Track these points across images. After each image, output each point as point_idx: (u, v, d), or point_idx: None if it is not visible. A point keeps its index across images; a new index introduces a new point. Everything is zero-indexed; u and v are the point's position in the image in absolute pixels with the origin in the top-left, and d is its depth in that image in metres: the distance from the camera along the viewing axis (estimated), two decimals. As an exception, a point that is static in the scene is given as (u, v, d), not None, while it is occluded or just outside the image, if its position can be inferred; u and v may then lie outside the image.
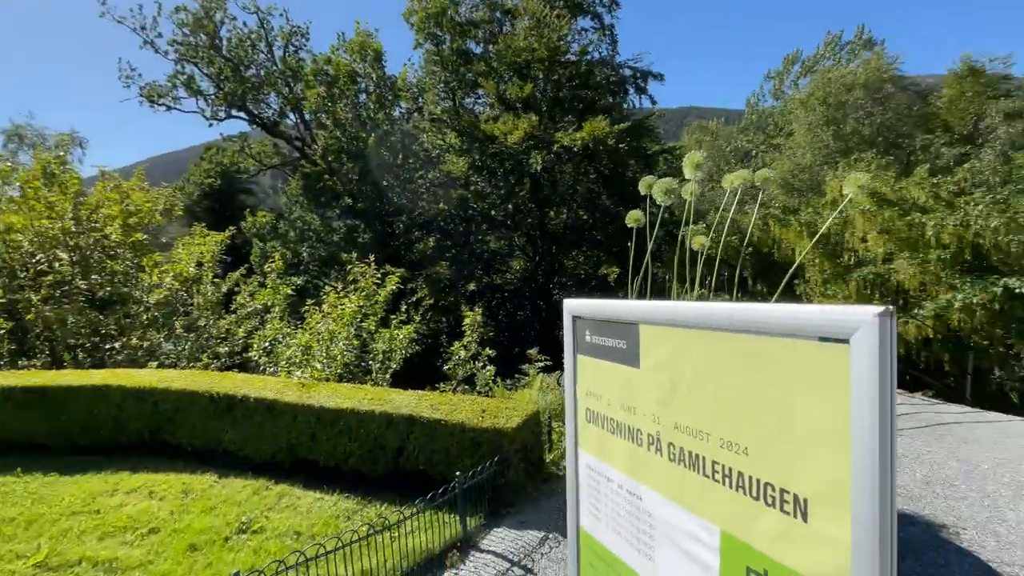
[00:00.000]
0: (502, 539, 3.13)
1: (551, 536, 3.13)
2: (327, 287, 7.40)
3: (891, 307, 0.75)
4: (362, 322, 6.69)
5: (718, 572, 1.06)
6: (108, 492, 4.12)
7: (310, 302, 7.00)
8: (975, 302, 6.37)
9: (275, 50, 17.70)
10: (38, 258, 8.08)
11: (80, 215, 8.40)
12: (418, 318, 7.32)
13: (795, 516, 0.89)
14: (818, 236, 8.86)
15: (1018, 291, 6.04)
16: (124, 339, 8.23)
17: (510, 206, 15.71)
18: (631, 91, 18.24)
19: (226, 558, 3.12)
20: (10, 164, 11.72)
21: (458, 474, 2.90)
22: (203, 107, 17.25)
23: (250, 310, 8.60)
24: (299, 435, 4.20)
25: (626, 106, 18.01)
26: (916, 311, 7.11)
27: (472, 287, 14.35)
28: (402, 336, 6.73)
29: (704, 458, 1.09)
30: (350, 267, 7.45)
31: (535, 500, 3.53)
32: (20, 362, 7.87)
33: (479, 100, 18.32)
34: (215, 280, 9.06)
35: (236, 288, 9.06)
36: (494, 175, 15.54)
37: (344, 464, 4.00)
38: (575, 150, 13.66)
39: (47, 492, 4.18)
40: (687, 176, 2.80)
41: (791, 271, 2.35)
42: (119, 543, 3.33)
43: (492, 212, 15.77)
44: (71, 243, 8.28)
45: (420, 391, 4.51)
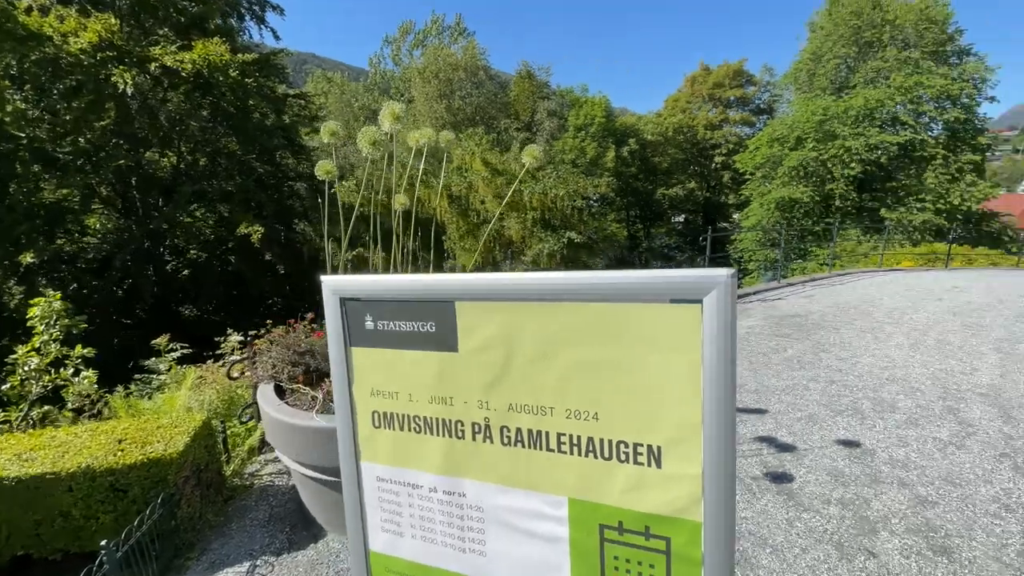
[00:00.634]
0: (184, 595, 2.36)
1: (259, 561, 2.56)
2: None
3: (734, 269, 0.86)
4: None
5: (567, 541, 1.07)
6: None
7: None
8: (555, 249, 8.86)
9: None
10: None
11: None
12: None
13: (648, 465, 0.97)
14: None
15: (576, 240, 8.74)
16: None
17: (82, 140, 11.15)
18: (248, 19, 15.72)
19: None
20: None
21: (104, 544, 1.94)
22: None
23: None
24: None
25: (245, 37, 15.45)
26: (522, 257, 9.33)
27: (31, 259, 9.66)
28: None
29: (547, 433, 1.05)
30: None
31: (223, 528, 2.80)
32: None
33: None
34: None
35: None
36: (46, 93, 10.57)
37: None
38: (184, 75, 10.75)
39: None
40: (384, 128, 2.60)
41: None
42: None
43: (50, 147, 10.84)
44: None
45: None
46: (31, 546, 2.35)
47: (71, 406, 4.30)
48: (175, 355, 4.89)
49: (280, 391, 2.80)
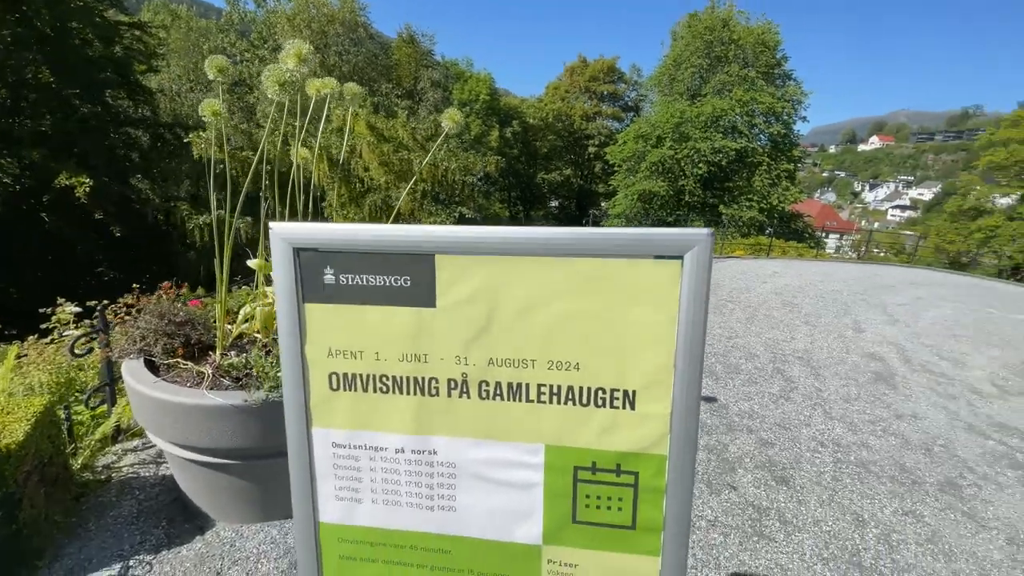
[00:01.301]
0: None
1: (133, 562, 2.20)
2: None
3: (712, 229, 0.96)
4: None
5: (542, 485, 1.11)
6: None
7: None
8: (446, 224, 8.77)
9: None
10: None
11: None
12: None
13: (623, 407, 1.05)
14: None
15: (467, 216, 8.74)
16: None
17: None
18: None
19: None
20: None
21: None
22: None
23: None
24: None
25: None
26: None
27: None
28: None
29: (527, 385, 1.08)
30: None
31: (78, 529, 2.35)
32: None
33: None
34: None
35: None
36: None
37: None
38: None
39: None
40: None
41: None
42: None
43: None
44: None
45: None
46: None
47: None
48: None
49: (153, 367, 2.40)
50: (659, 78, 29.04)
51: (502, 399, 1.09)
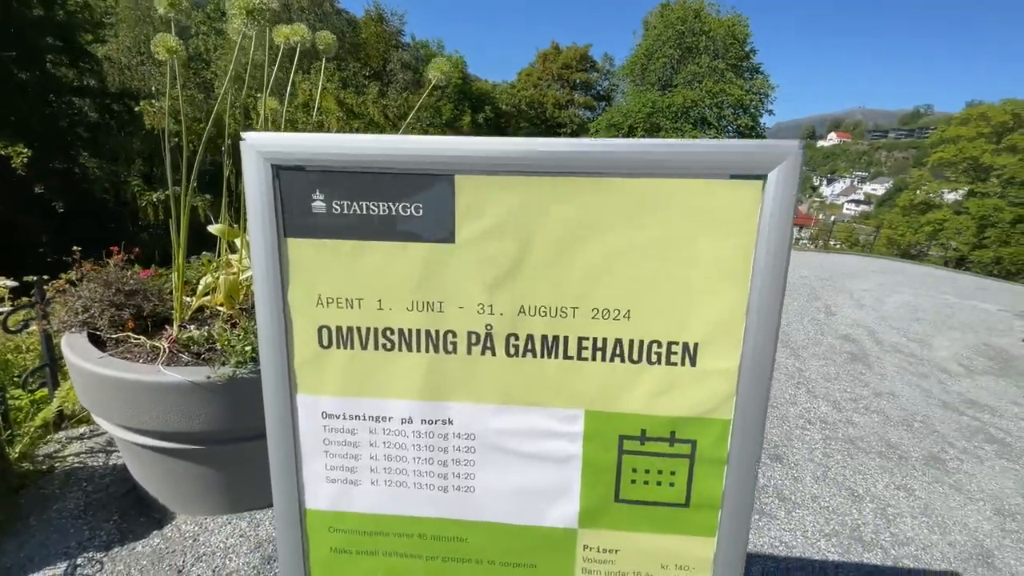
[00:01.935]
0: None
1: (81, 560, 1.92)
2: None
3: (803, 140, 0.79)
4: None
5: (580, 459, 0.93)
6: None
7: None
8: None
9: None
10: None
11: None
12: None
13: (682, 364, 0.88)
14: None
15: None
16: None
17: None
18: None
19: None
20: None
21: None
22: None
23: None
24: None
25: None
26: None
27: None
28: None
29: (565, 339, 0.89)
30: None
31: (17, 525, 2.05)
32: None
33: None
34: None
35: None
36: None
37: None
38: None
39: None
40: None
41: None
42: None
43: None
44: None
45: None
46: None
47: None
48: None
49: (99, 342, 2.10)
50: (631, 67, 29.06)
51: (534, 356, 0.90)
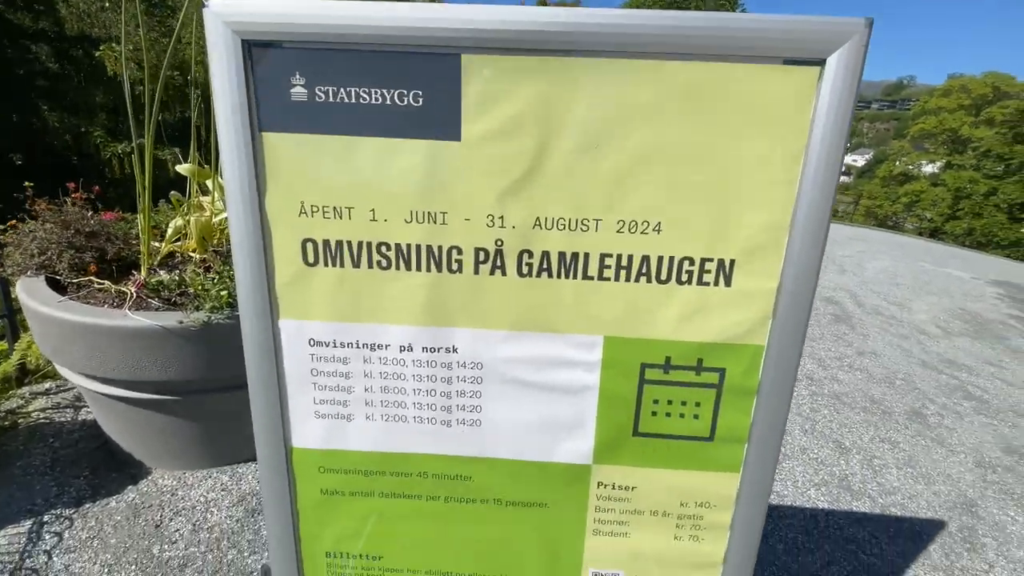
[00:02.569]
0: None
1: (48, 517, 1.82)
2: None
3: (871, 18, 0.68)
4: None
5: (597, 390, 0.85)
6: None
7: None
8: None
9: None
10: None
11: None
12: None
13: (716, 284, 0.79)
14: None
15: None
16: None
17: None
18: None
19: None
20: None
21: None
22: None
23: None
24: None
25: None
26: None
27: None
28: None
29: (586, 256, 0.79)
30: None
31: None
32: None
33: None
34: None
35: None
36: None
37: None
38: None
39: None
40: None
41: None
42: None
43: None
44: None
45: None
46: None
47: None
48: None
49: (59, 287, 1.94)
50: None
51: (550, 275, 0.80)
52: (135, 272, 2.04)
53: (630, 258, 0.78)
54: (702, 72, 0.70)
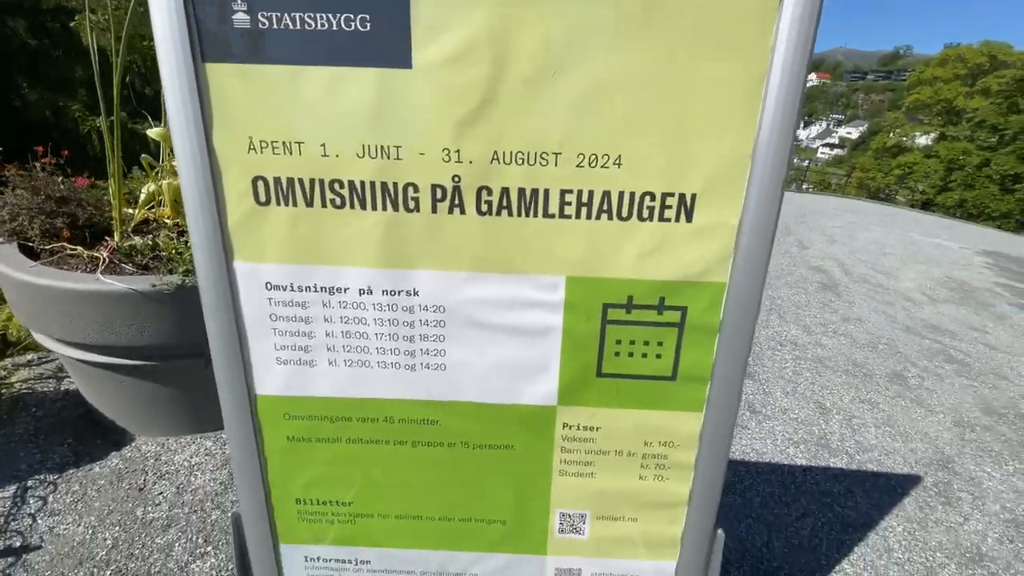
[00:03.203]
0: None
1: (32, 482, 1.83)
2: None
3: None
4: None
5: (560, 331, 0.84)
6: None
7: None
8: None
9: None
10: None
11: None
12: None
13: (676, 220, 0.78)
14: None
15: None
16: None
17: None
18: None
19: None
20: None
21: None
22: None
23: None
24: None
25: None
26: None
27: None
28: None
29: (547, 193, 0.77)
30: None
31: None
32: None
33: None
34: None
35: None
36: None
37: None
38: None
39: None
40: None
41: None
42: None
43: None
44: None
45: None
46: None
47: None
48: None
49: (32, 254, 1.90)
50: None
51: (510, 214, 0.78)
52: (107, 238, 2.01)
53: (591, 194, 0.77)
54: (661, -8, 0.67)
